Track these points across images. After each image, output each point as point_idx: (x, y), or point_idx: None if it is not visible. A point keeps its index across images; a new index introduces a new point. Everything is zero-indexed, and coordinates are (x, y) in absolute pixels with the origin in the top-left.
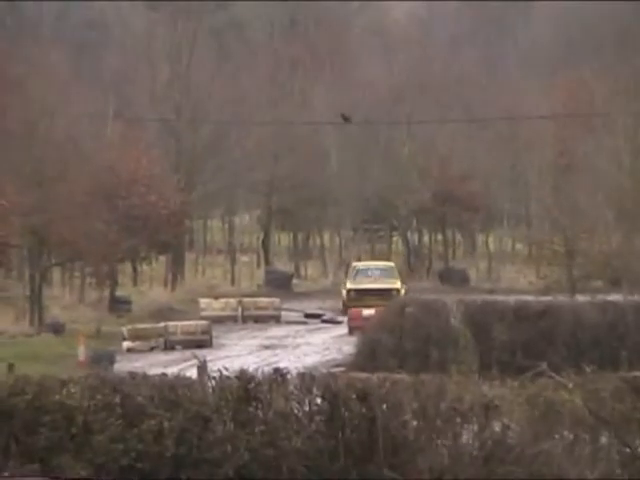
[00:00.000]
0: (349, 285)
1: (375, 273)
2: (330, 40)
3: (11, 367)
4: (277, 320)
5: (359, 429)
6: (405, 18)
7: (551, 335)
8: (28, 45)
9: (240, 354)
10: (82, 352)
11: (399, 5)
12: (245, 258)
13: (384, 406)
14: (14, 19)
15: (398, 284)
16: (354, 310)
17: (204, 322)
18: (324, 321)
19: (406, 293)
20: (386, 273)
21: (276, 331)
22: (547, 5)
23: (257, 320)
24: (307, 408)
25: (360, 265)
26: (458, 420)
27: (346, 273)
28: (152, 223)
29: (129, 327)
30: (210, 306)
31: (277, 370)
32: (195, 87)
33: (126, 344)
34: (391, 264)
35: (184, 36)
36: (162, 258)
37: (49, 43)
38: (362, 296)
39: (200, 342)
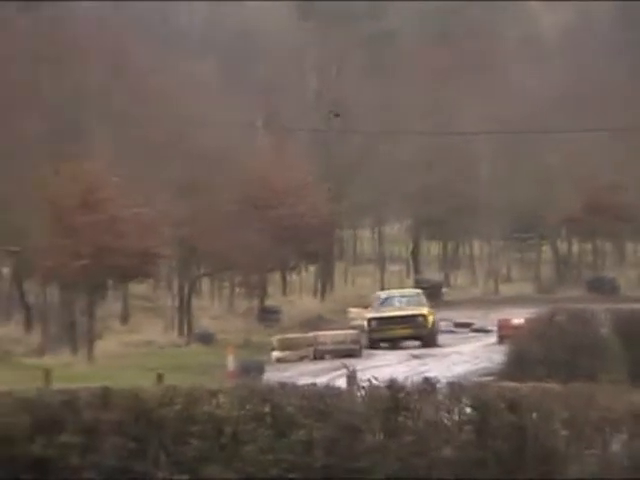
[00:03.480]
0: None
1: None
2: (482, 50)
3: (160, 377)
4: None
5: (509, 439)
6: (557, 27)
7: None
8: (178, 55)
9: (389, 363)
10: (231, 362)
11: (551, 14)
12: (394, 267)
13: (534, 415)
14: (165, 29)
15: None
16: (503, 319)
17: (354, 331)
18: (474, 330)
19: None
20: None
21: None
22: None
23: None
24: (457, 417)
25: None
26: (608, 429)
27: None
28: (302, 233)
29: (278, 337)
30: (360, 315)
31: (427, 379)
32: (345, 97)
33: (275, 354)
34: (417, 291)
35: (334, 46)
36: (311, 268)
37: (198, 53)
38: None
39: (349, 351)
